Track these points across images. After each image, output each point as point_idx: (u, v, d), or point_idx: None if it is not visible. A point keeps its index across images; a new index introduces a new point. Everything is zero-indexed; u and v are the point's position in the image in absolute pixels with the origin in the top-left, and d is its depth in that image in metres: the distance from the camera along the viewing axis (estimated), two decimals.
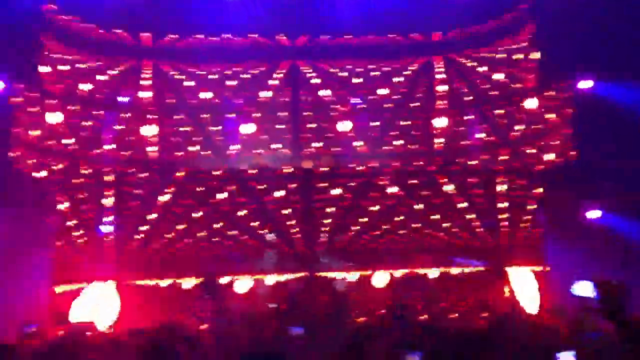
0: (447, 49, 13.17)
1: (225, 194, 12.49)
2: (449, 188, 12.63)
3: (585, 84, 11.54)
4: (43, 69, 11.83)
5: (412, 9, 12.39)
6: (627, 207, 10.83)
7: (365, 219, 12.61)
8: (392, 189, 12.69)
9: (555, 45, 11.45)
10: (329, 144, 13.12)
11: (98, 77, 12.60)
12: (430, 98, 13.28)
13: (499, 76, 12.85)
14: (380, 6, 12.39)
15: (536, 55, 12.30)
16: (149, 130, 12.74)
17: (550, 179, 11.63)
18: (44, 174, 11.84)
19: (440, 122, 13.04)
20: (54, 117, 11.93)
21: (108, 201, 12.30)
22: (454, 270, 12.17)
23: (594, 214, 11.39)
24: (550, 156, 11.97)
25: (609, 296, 4.22)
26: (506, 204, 12.49)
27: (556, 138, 11.98)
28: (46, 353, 5.88)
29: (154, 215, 12.38)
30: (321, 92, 13.23)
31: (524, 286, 11.80)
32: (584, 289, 6.58)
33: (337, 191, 12.65)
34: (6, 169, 11.26)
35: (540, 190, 12.06)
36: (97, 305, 11.62)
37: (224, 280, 11.46)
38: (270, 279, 12.13)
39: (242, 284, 12.03)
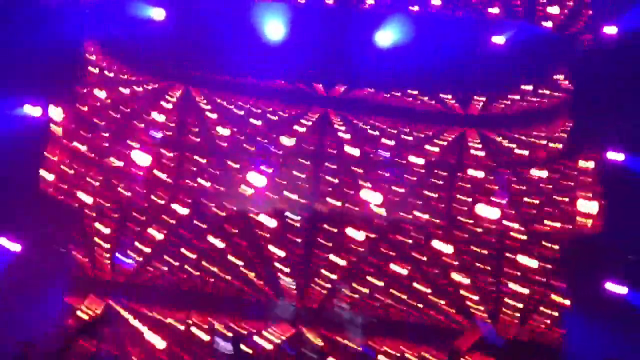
0: (483, 124, 12.99)
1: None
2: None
3: (616, 156, 11.44)
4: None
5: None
6: None
7: None
8: None
9: (587, 116, 11.45)
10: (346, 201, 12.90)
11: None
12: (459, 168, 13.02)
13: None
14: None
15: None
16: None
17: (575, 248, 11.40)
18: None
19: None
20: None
21: None
22: None
23: (618, 288, 11.11)
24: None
25: None
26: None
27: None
28: None
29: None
30: (348, 149, 13.13)
31: None
32: None
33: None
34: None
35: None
36: None
37: None
38: None
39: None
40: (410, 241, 12.51)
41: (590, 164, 11.80)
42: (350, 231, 12.54)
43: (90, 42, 12.43)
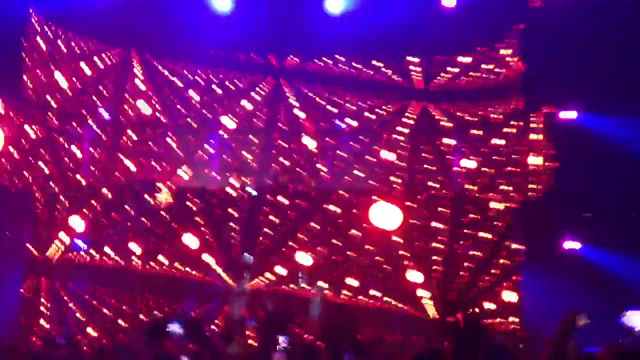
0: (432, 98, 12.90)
1: None
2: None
3: (569, 114, 11.49)
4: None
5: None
6: (607, 240, 10.75)
7: None
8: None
9: (541, 72, 11.42)
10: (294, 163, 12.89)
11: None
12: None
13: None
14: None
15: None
16: None
17: (529, 209, 11.46)
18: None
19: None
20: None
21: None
22: None
23: (572, 244, 11.28)
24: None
25: None
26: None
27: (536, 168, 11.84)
28: None
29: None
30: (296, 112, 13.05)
31: None
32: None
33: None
34: None
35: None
36: None
37: None
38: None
39: None
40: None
41: (541, 124, 11.81)
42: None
43: (36, 18, 12.04)
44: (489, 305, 11.15)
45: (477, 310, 9.28)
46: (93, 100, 12.67)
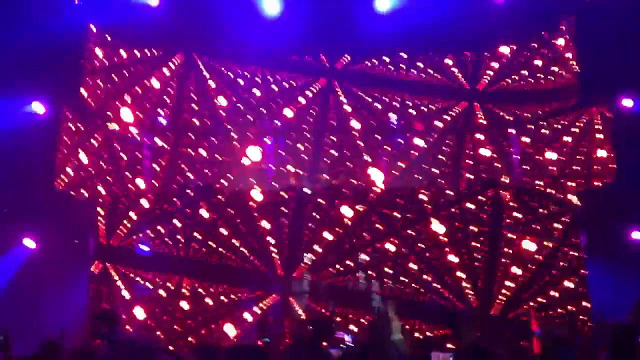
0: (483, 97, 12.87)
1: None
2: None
3: (628, 103, 11.41)
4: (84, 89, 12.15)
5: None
6: None
7: None
8: None
9: (596, 63, 11.34)
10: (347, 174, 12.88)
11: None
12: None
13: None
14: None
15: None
16: None
17: (594, 200, 11.34)
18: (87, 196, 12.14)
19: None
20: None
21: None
22: None
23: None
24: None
25: None
26: None
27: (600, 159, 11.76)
28: None
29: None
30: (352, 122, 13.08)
31: None
32: None
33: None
34: (49, 192, 11.62)
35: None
36: None
37: None
38: None
39: None
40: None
41: (602, 115, 11.71)
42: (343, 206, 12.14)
43: (91, 30, 12.34)
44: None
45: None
46: (153, 107, 12.91)
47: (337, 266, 11.91)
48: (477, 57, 13.02)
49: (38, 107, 11.57)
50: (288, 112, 13.25)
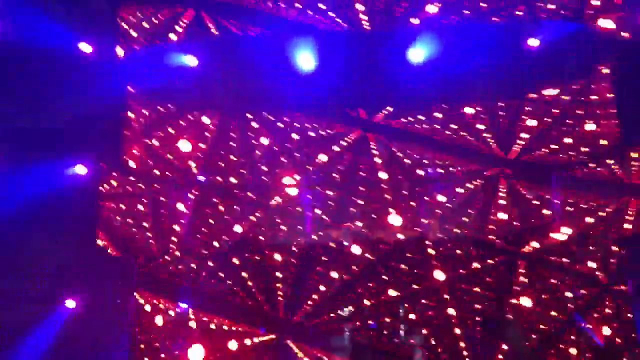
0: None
1: None
2: None
3: None
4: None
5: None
6: None
7: None
8: None
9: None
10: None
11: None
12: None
13: None
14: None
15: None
16: None
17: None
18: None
19: None
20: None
21: None
22: None
23: None
24: None
25: None
26: None
27: None
28: None
29: None
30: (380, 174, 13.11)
31: None
32: None
33: None
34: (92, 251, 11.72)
35: None
36: None
37: None
38: None
39: None
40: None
41: None
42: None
43: (131, 94, 12.59)
44: None
45: None
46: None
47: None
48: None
49: (80, 169, 11.78)
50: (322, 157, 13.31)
